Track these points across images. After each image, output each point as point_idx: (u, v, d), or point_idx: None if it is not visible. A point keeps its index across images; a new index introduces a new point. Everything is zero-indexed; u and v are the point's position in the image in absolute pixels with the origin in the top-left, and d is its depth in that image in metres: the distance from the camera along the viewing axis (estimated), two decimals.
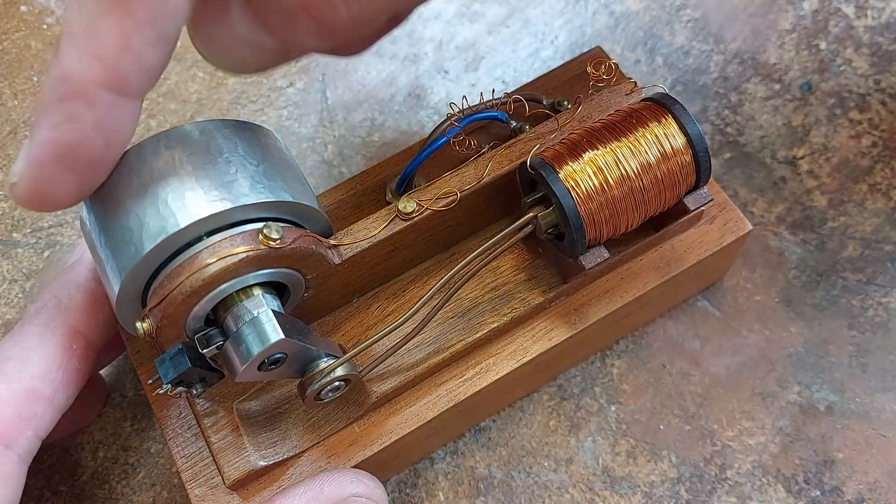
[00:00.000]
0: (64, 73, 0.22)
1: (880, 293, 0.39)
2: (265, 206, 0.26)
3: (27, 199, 0.24)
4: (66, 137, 0.23)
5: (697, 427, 0.37)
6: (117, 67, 0.22)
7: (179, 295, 0.25)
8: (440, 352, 0.32)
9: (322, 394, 0.29)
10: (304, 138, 0.44)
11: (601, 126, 0.30)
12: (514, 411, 0.38)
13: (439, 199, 0.31)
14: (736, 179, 0.42)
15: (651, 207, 0.31)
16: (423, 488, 0.36)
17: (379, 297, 0.33)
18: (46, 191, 0.24)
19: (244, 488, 0.31)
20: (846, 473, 0.36)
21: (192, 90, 0.46)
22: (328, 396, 0.29)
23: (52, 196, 0.24)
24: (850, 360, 0.38)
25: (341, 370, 0.28)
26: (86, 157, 0.23)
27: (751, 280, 0.40)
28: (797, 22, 0.45)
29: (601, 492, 0.36)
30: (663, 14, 0.46)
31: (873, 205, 0.41)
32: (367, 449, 0.31)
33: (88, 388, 0.36)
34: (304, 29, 0.24)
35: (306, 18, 0.23)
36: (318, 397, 0.29)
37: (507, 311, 0.33)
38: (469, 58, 0.46)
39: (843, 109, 0.43)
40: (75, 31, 0.22)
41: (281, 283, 0.28)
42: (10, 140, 0.45)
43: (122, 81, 0.22)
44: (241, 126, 0.28)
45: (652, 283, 0.34)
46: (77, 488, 0.37)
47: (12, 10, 0.49)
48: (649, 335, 0.39)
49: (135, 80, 0.23)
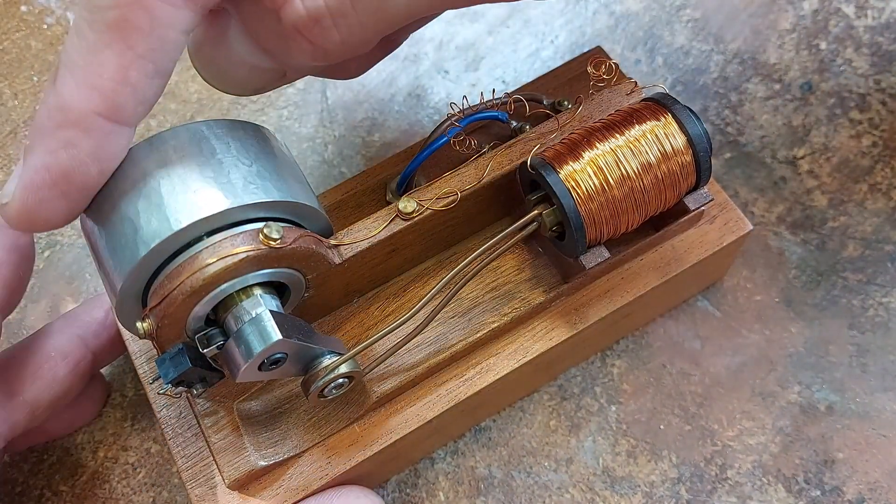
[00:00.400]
0: (62, 101, 0.23)
1: (880, 293, 0.39)
2: (265, 205, 0.26)
3: (17, 221, 0.25)
4: (62, 163, 0.23)
5: (698, 427, 0.37)
6: (115, 98, 0.23)
7: (180, 295, 0.25)
8: (440, 352, 0.32)
9: (326, 391, 0.29)
10: (304, 138, 0.44)
11: (601, 126, 0.30)
12: (514, 411, 0.37)
13: (440, 199, 0.31)
14: (736, 179, 0.42)
15: (651, 207, 0.31)
16: (424, 488, 0.36)
17: (379, 296, 0.33)
18: (37, 213, 0.24)
19: (244, 488, 0.31)
20: (846, 473, 0.36)
21: (192, 90, 0.46)
22: (332, 393, 0.29)
23: (43, 219, 0.25)
24: (850, 360, 0.38)
25: (345, 367, 0.28)
26: (79, 182, 0.24)
27: (751, 280, 0.40)
28: (797, 22, 0.45)
29: (601, 492, 0.36)
30: (663, 14, 0.46)
31: (873, 205, 0.41)
32: (368, 449, 0.31)
33: (88, 388, 0.36)
34: (299, 50, 0.24)
35: (301, 40, 0.24)
36: (322, 394, 0.29)
37: (508, 310, 0.33)
38: (469, 58, 0.46)
39: (843, 109, 0.43)
40: (75, 61, 0.23)
41: (281, 283, 0.28)
42: (10, 140, 0.45)
43: (119, 112, 0.23)
44: (242, 126, 0.28)
45: (652, 283, 0.34)
46: (77, 488, 0.37)
47: (12, 10, 0.49)
48: (649, 335, 0.39)
49: (131, 110, 0.24)
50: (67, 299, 0.41)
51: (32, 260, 0.32)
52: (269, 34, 0.25)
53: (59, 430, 0.37)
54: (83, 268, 0.42)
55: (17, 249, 0.31)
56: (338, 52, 0.25)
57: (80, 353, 0.33)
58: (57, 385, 0.32)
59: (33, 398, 0.31)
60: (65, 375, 0.33)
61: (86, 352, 0.33)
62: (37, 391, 0.32)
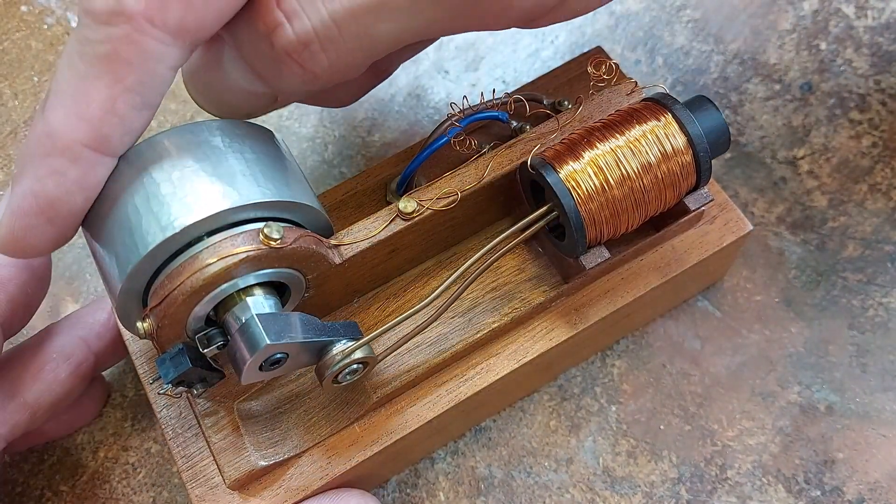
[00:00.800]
0: (50, 129, 0.23)
1: (880, 293, 0.39)
2: (266, 205, 0.26)
3: (3, 246, 0.25)
4: (49, 191, 0.24)
5: (698, 427, 0.37)
6: (102, 129, 0.24)
7: (180, 295, 0.25)
8: (441, 352, 0.32)
9: (340, 377, 0.29)
10: (304, 138, 0.44)
11: (602, 126, 0.30)
12: (514, 411, 0.38)
13: (440, 199, 0.31)
14: (736, 179, 0.42)
15: (651, 207, 0.31)
16: (424, 488, 0.36)
17: (379, 296, 0.33)
18: (24, 240, 0.25)
19: (245, 488, 0.31)
20: (846, 473, 0.36)
21: None
22: (346, 379, 0.29)
23: (31, 245, 0.25)
24: (850, 360, 0.38)
25: (359, 353, 0.28)
26: (65, 210, 0.25)
27: (751, 280, 0.40)
28: (797, 22, 0.45)
29: (602, 492, 0.36)
30: (663, 14, 0.46)
31: (873, 205, 0.41)
32: (368, 449, 0.31)
33: (89, 389, 0.36)
34: (290, 74, 0.25)
35: (291, 64, 0.25)
36: (336, 380, 0.29)
37: (508, 311, 0.33)
38: (469, 58, 0.46)
39: (843, 110, 0.43)
40: (64, 91, 0.23)
41: (281, 283, 0.28)
42: (11, 140, 0.45)
43: (106, 142, 0.24)
44: (242, 126, 0.28)
45: (652, 283, 0.34)
46: (77, 488, 0.37)
47: (12, 10, 0.49)
48: (650, 335, 0.39)
49: (117, 141, 0.24)
50: (68, 300, 0.41)
51: (45, 282, 0.32)
52: (261, 59, 0.25)
53: (60, 431, 0.37)
54: (83, 268, 0.42)
55: (28, 268, 0.31)
56: (326, 77, 0.26)
57: (81, 354, 0.33)
58: (58, 387, 0.32)
59: (34, 400, 0.31)
60: (66, 377, 0.33)
61: (88, 353, 0.33)
62: (38, 393, 0.32)
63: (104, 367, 0.36)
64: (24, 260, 0.31)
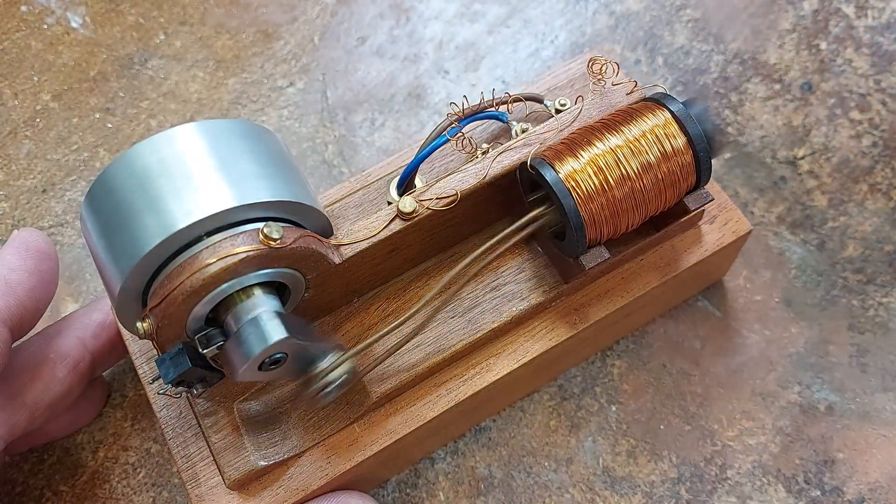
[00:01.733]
0: None
1: (880, 293, 0.39)
2: (265, 205, 0.26)
3: None
4: None
5: (698, 427, 0.37)
6: None
7: (180, 295, 0.25)
8: (440, 352, 0.32)
9: (323, 392, 0.29)
10: (304, 138, 0.44)
11: (601, 126, 0.30)
12: (514, 411, 0.37)
13: (440, 199, 0.31)
14: (736, 179, 0.42)
15: (651, 207, 0.31)
16: (424, 488, 0.36)
17: (379, 296, 0.33)
18: None
19: (244, 488, 0.31)
20: (846, 473, 0.36)
21: (192, 90, 0.46)
22: (330, 395, 0.29)
23: None
24: (850, 360, 0.38)
25: (344, 367, 0.28)
26: None
27: (751, 280, 0.40)
28: (797, 22, 0.45)
29: (601, 492, 0.36)
30: (663, 14, 0.46)
31: (873, 205, 0.41)
32: (368, 449, 0.31)
33: (88, 390, 0.36)
34: None
35: None
36: (320, 396, 0.29)
37: (508, 311, 0.33)
38: (469, 58, 0.46)
39: (843, 109, 0.43)
40: None
41: (281, 282, 0.28)
42: (10, 140, 0.45)
43: None
44: (241, 126, 0.28)
45: (652, 283, 0.34)
46: (77, 488, 0.37)
47: (12, 10, 0.49)
48: (650, 335, 0.39)
49: None
50: (67, 300, 0.41)
51: (53, 286, 0.32)
52: None
53: (60, 431, 0.37)
54: (83, 268, 0.42)
55: (37, 273, 0.31)
56: None
57: (78, 354, 0.33)
58: (56, 386, 0.32)
59: (33, 400, 0.32)
60: (64, 377, 0.33)
61: (84, 353, 0.34)
62: (36, 393, 0.32)
63: (102, 366, 0.36)
64: (34, 265, 0.31)
